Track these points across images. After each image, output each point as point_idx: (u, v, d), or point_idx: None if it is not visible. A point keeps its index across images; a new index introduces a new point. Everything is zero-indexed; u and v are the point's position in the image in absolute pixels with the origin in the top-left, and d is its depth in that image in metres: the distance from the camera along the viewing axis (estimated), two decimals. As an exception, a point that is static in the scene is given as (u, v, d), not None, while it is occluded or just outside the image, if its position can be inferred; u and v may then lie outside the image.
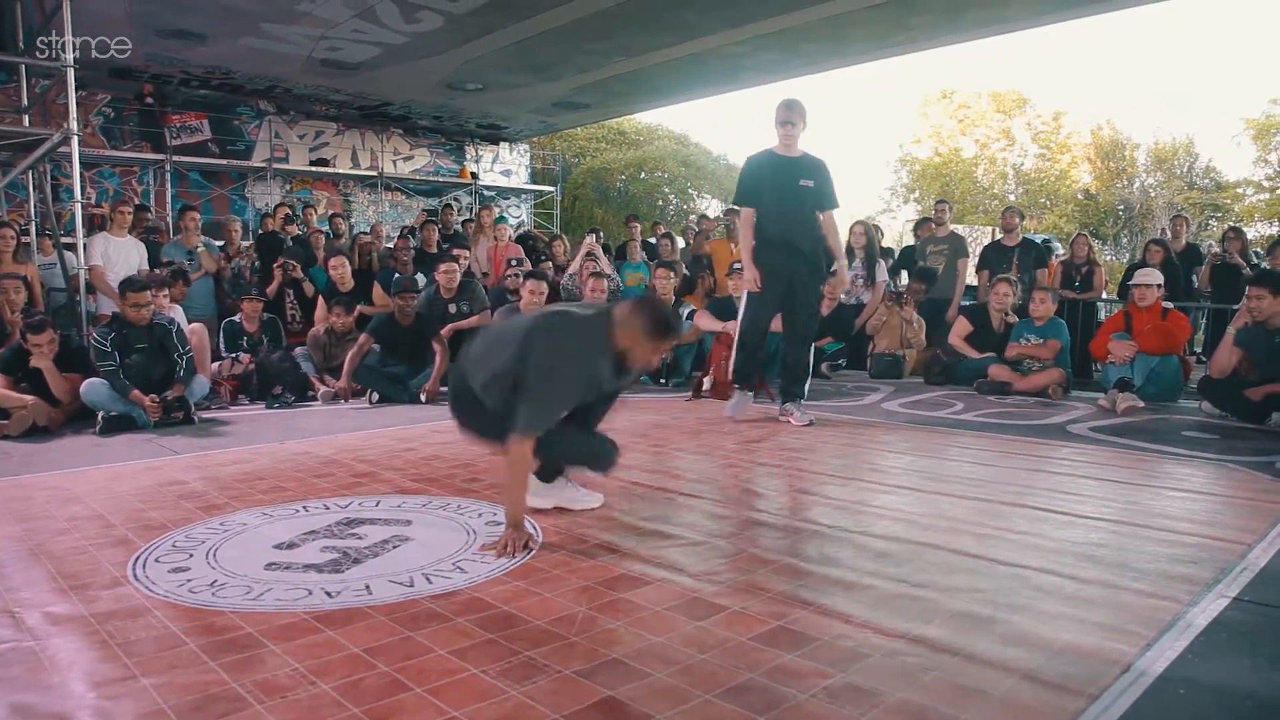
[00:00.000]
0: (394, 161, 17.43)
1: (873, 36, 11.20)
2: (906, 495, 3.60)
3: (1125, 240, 27.05)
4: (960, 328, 7.39)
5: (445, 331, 6.73)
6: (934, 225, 8.98)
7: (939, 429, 5.20)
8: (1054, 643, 2.04)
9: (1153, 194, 27.14)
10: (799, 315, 5.36)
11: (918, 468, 4.13)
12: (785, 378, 5.43)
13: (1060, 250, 12.88)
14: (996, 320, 7.30)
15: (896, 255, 10.45)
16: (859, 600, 2.32)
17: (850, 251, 8.11)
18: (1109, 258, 24.16)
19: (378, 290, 7.58)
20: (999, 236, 9.12)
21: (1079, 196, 28.09)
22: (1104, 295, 8.89)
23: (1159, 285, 6.51)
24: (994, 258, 8.51)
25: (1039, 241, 9.92)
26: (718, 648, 2.02)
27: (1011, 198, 27.80)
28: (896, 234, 23.33)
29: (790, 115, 5.21)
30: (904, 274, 9.23)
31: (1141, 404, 5.91)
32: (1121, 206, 27.46)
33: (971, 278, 8.86)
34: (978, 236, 15.80)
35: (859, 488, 3.70)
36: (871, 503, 3.45)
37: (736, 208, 6.08)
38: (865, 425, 5.18)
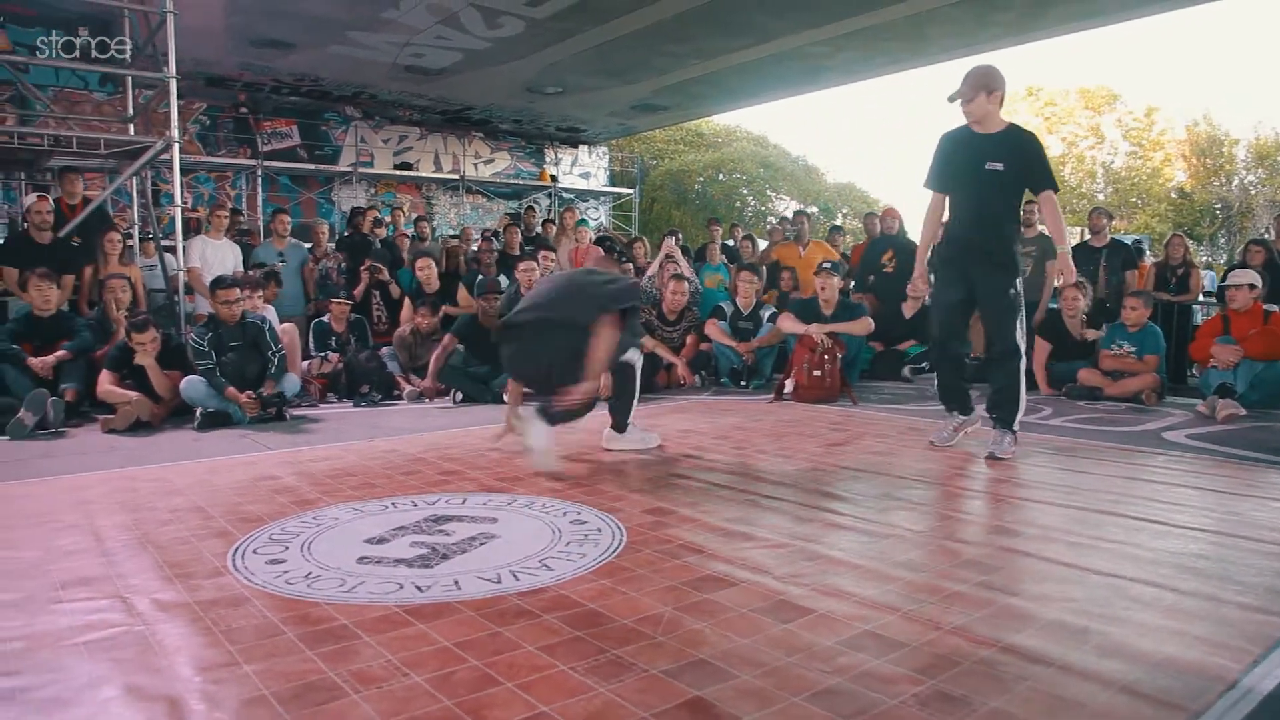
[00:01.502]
0: (475, 165, 17.75)
1: (955, 34, 10.99)
2: (994, 501, 3.52)
3: (1223, 240, 25.97)
4: (1040, 354, 6.96)
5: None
6: (1021, 226, 8.74)
7: (1026, 434, 5.06)
8: (1152, 655, 1.98)
9: (1253, 192, 25.99)
10: (986, 325, 4.55)
11: (1005, 474, 4.03)
12: (988, 400, 4.53)
13: (1148, 253, 12.43)
14: (1073, 329, 7.02)
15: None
16: (947, 606, 2.28)
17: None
18: (1205, 258, 23.22)
19: (462, 292, 7.72)
20: (1086, 238, 8.84)
21: (1173, 195, 27.11)
22: (1200, 298, 8.54)
23: (1251, 286, 6.23)
24: (1080, 260, 8.24)
25: (1129, 243, 9.59)
26: (804, 650, 2.01)
27: (1100, 197, 27.01)
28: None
29: (961, 89, 4.27)
30: None
31: (1243, 411, 5.67)
32: (1219, 205, 26.36)
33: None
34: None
35: (945, 493, 3.64)
36: (958, 508, 3.39)
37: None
38: (949, 430, 5.05)
